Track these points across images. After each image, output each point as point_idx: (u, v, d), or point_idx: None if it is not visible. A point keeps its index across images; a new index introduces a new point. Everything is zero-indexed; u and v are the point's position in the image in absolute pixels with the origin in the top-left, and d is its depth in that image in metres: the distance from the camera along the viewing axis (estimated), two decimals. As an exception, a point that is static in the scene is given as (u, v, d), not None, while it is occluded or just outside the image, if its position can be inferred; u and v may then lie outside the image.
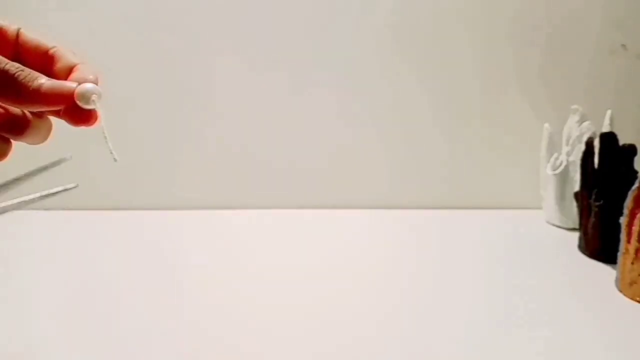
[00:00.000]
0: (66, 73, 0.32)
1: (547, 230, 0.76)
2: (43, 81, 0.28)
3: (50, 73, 0.32)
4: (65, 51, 0.33)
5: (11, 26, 0.33)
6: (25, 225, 0.76)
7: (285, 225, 0.79)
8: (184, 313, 0.53)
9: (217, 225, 0.79)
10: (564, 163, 0.74)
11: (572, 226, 0.75)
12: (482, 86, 0.82)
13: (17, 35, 0.33)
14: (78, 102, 0.29)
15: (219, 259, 0.66)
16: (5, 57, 0.31)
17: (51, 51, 0.33)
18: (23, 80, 0.28)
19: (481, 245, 0.71)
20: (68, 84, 0.29)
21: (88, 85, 0.29)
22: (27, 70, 0.28)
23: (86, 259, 0.66)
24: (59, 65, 0.32)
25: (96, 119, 0.31)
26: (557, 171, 0.74)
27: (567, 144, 0.75)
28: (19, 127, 0.30)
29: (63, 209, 0.80)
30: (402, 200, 0.85)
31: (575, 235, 0.69)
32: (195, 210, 0.82)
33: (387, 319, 0.52)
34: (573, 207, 0.73)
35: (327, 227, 0.78)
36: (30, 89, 0.28)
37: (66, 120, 0.30)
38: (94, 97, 0.29)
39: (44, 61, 0.33)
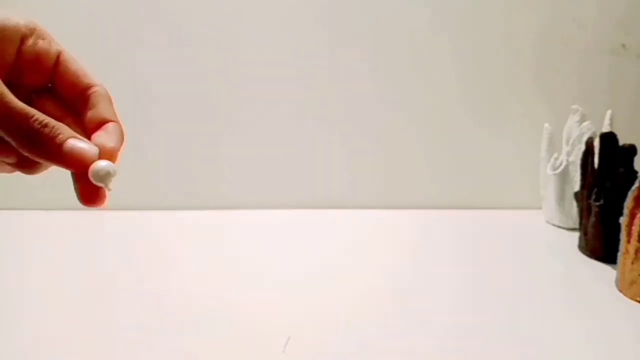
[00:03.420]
0: (95, 126, 0.30)
1: (547, 230, 0.76)
2: (66, 139, 0.27)
3: (80, 117, 0.30)
4: (103, 97, 0.30)
5: (52, 48, 0.30)
6: (26, 225, 0.76)
7: (285, 225, 0.79)
8: (184, 313, 0.53)
9: (218, 225, 0.79)
10: (564, 163, 0.74)
11: (572, 226, 0.75)
12: (482, 86, 0.82)
13: (57, 59, 0.30)
14: (90, 177, 0.28)
15: (219, 258, 0.66)
16: (38, 83, 0.30)
17: (90, 92, 0.30)
18: (47, 136, 0.26)
19: (481, 245, 0.71)
20: (90, 152, 0.27)
21: (102, 164, 0.28)
22: (51, 125, 0.27)
23: (86, 259, 0.66)
24: (91, 114, 0.30)
25: (104, 199, 0.29)
26: (557, 171, 0.74)
27: (567, 144, 0.75)
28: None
29: (63, 209, 0.80)
30: (401, 200, 0.85)
31: (575, 235, 0.69)
32: (195, 211, 0.83)
33: (388, 319, 0.52)
34: (573, 207, 0.73)
35: (327, 227, 0.78)
36: (52, 145, 0.26)
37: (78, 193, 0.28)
38: (110, 177, 0.28)
39: (78, 99, 0.30)
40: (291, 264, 0.65)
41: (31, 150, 0.26)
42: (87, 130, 0.30)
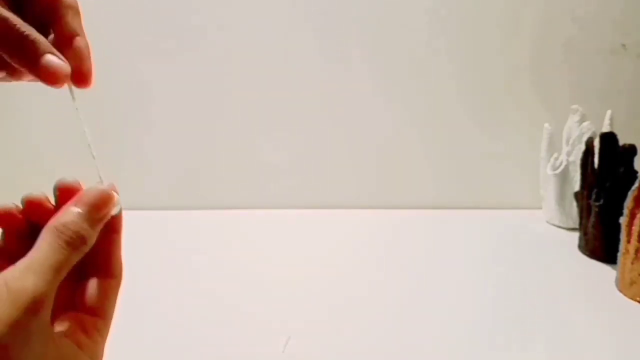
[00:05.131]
0: (62, 39, 0.29)
1: (547, 230, 0.76)
2: (44, 53, 0.28)
3: (50, 27, 0.30)
4: (69, 9, 0.30)
5: None
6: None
7: (285, 225, 0.79)
8: (184, 312, 0.53)
9: (218, 225, 0.79)
10: (564, 163, 0.74)
11: (572, 226, 0.75)
12: (482, 86, 0.82)
13: None
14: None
15: (218, 258, 0.66)
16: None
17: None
18: (27, 46, 0.27)
19: (481, 245, 0.71)
20: (64, 70, 0.28)
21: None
22: (32, 37, 0.27)
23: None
24: (58, 27, 0.30)
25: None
26: (557, 171, 0.74)
27: (567, 144, 0.75)
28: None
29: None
30: (401, 200, 0.85)
31: (575, 235, 0.69)
32: (195, 210, 0.82)
33: (388, 318, 0.52)
34: (573, 207, 0.73)
35: (327, 227, 0.78)
36: (31, 55, 0.27)
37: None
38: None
39: (49, 7, 0.30)
40: (291, 263, 0.65)
41: (12, 56, 0.27)
42: (55, 43, 0.30)
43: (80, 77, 0.30)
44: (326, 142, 0.84)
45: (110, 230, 0.30)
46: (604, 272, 0.61)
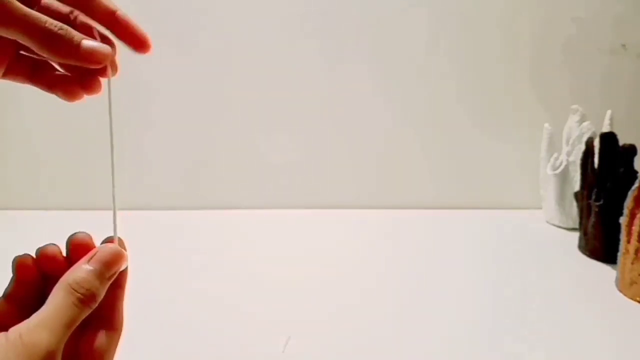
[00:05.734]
0: (102, 18, 0.31)
1: (547, 230, 0.76)
2: (81, 40, 0.29)
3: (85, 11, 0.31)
4: (132, 19, 0.32)
5: None
6: (26, 225, 0.76)
7: (285, 225, 0.79)
8: (184, 312, 0.53)
9: (218, 225, 0.79)
10: (564, 163, 0.74)
11: (572, 226, 0.75)
12: (482, 86, 0.82)
13: None
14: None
15: (218, 258, 0.66)
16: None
17: (117, 14, 0.32)
18: (63, 38, 0.28)
19: (481, 245, 0.71)
20: (105, 49, 0.30)
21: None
22: (65, 28, 0.28)
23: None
24: (96, 7, 0.31)
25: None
26: (557, 171, 0.74)
27: (567, 144, 0.75)
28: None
29: (63, 209, 0.80)
30: (401, 200, 0.85)
31: (575, 235, 0.69)
32: (195, 210, 0.82)
33: (387, 319, 0.52)
34: (573, 207, 0.73)
35: (327, 227, 0.78)
36: (70, 45, 0.28)
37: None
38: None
39: (109, 21, 0.31)
40: (291, 263, 0.65)
41: (53, 50, 0.28)
42: (99, 21, 0.31)
43: (138, 42, 0.31)
44: (326, 142, 0.84)
45: (115, 285, 0.31)
46: (604, 272, 0.61)
